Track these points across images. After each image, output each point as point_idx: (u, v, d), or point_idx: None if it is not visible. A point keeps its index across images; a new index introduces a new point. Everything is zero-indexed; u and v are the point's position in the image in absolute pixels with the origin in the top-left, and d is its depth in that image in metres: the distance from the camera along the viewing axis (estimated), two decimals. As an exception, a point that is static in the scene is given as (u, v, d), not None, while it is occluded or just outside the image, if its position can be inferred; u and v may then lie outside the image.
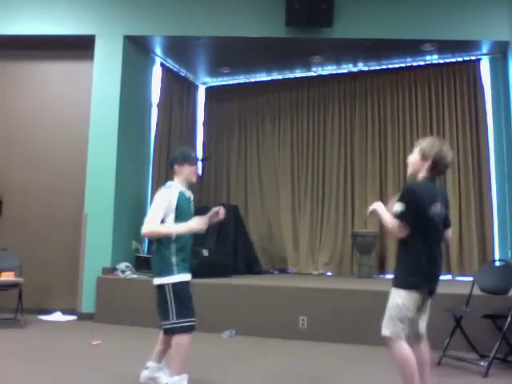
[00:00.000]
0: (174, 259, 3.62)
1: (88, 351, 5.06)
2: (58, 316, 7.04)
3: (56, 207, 7.53)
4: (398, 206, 2.99)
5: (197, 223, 3.60)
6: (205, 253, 7.35)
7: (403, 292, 3.01)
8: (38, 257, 7.21)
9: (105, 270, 7.02)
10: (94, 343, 5.34)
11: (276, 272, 9.21)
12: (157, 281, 3.65)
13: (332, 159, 9.40)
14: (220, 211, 3.84)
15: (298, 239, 9.38)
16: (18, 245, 7.01)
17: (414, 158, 3.15)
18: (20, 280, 6.36)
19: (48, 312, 7.09)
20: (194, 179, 3.86)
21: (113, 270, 7.03)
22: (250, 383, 4.15)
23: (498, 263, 5.86)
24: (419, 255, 3.01)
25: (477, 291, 4.98)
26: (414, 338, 3.12)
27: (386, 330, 3.02)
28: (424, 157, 3.06)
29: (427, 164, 3.06)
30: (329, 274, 9.02)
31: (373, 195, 8.89)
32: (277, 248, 9.55)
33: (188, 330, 3.64)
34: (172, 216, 3.65)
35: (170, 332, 3.64)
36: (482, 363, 4.48)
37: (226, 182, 10.14)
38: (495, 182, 8.05)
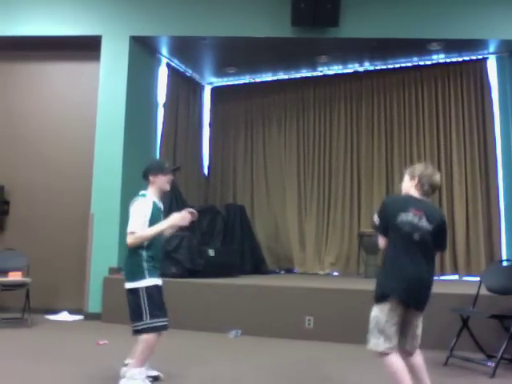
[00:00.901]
0: (145, 265, 3.76)
1: (95, 351, 5.08)
2: (64, 316, 7.07)
3: (63, 207, 7.56)
4: (375, 219, 3.22)
5: (179, 217, 3.78)
6: (211, 253, 7.35)
7: (375, 305, 3.05)
8: (44, 257, 7.24)
9: (111, 270, 7.03)
10: (101, 343, 5.35)
11: (282, 272, 9.22)
12: (130, 285, 3.78)
13: (338, 159, 9.40)
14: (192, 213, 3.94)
15: (305, 239, 9.38)
16: (25, 245, 7.05)
17: (405, 183, 3.32)
18: (27, 280, 6.39)
19: (55, 312, 7.11)
20: (167, 188, 4.01)
21: (119, 270, 7.03)
22: (256, 383, 4.15)
23: (505, 263, 5.83)
24: (388, 265, 3.11)
25: (484, 291, 4.95)
26: (402, 354, 3.08)
27: (368, 345, 3.07)
28: (412, 177, 3.25)
29: (414, 183, 3.22)
30: (335, 274, 9.02)
31: (379, 195, 8.87)
32: (283, 248, 9.55)
33: (160, 329, 3.77)
34: (147, 226, 3.78)
35: (143, 332, 3.74)
36: (488, 364, 4.45)
37: (232, 182, 10.16)
38: (502, 182, 8.02)
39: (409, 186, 3.25)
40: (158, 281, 3.84)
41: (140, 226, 3.74)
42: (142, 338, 3.76)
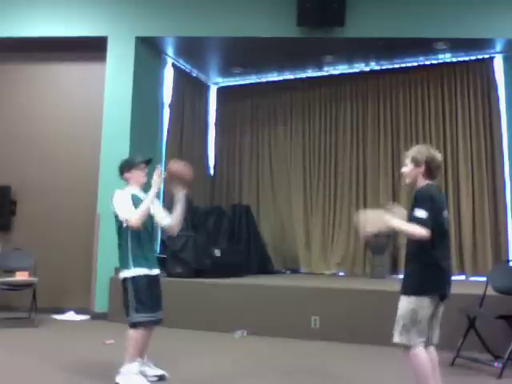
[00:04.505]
0: (130, 254, 3.88)
1: (101, 350, 5.09)
2: (71, 315, 7.10)
3: (69, 207, 7.58)
4: (422, 213, 2.95)
5: (156, 179, 3.89)
6: (217, 253, 7.37)
7: (414, 298, 2.99)
8: (51, 256, 7.26)
9: (118, 270, 7.04)
10: (107, 342, 5.36)
11: (288, 272, 9.22)
12: (121, 275, 3.93)
13: (344, 159, 9.38)
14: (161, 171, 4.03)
15: (310, 239, 9.38)
16: (32, 245, 7.07)
17: (408, 168, 3.18)
18: (34, 280, 6.42)
19: (61, 311, 7.14)
20: (144, 180, 4.14)
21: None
22: (263, 383, 4.15)
23: (512, 263, 5.81)
24: (430, 261, 3.00)
25: (491, 291, 4.93)
26: (426, 344, 3.09)
27: (401, 339, 3.00)
28: (417, 163, 3.11)
29: (421, 169, 3.10)
30: (341, 274, 9.00)
31: (385, 195, 8.85)
32: (289, 248, 9.54)
33: (144, 325, 3.82)
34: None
35: (131, 326, 3.83)
36: (496, 364, 4.44)
37: (238, 182, 10.16)
38: (509, 181, 7.96)
39: (415, 174, 3.12)
40: (147, 271, 3.89)
41: (131, 209, 3.84)
42: (128, 335, 3.83)
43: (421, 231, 2.93)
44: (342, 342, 5.58)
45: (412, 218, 2.99)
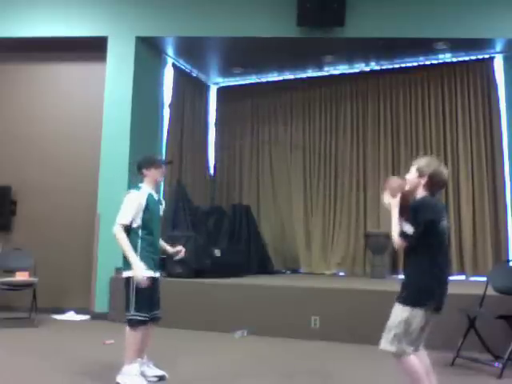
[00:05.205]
0: (138, 255, 3.88)
1: (101, 350, 5.09)
2: (71, 315, 7.09)
3: (69, 207, 7.58)
4: (408, 228, 2.97)
5: (142, 277, 3.78)
6: (217, 253, 7.37)
7: (409, 309, 2.96)
8: (51, 256, 7.26)
9: (118, 270, 7.04)
10: (107, 342, 5.36)
11: (288, 272, 9.22)
12: (125, 274, 3.90)
13: (344, 159, 9.38)
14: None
15: (311, 239, 9.38)
16: (32, 245, 7.06)
17: (411, 176, 3.16)
18: (34, 280, 6.42)
19: (61, 311, 7.14)
20: (161, 179, 4.28)
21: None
22: (263, 383, 4.14)
23: (512, 263, 5.80)
24: (428, 273, 2.98)
25: (491, 291, 4.93)
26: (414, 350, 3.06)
27: (391, 347, 2.96)
28: (421, 174, 3.08)
29: (424, 181, 3.08)
30: (341, 274, 9.01)
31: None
32: (289, 248, 9.55)
33: (141, 323, 3.84)
34: (140, 215, 3.92)
35: (129, 324, 3.85)
36: (496, 364, 4.43)
37: (238, 183, 10.16)
38: (509, 181, 7.96)
39: (416, 183, 3.10)
40: (151, 273, 3.89)
41: (128, 218, 3.88)
42: (126, 332, 3.85)
43: (397, 242, 3.04)
44: (342, 342, 5.57)
45: (400, 230, 3.04)
